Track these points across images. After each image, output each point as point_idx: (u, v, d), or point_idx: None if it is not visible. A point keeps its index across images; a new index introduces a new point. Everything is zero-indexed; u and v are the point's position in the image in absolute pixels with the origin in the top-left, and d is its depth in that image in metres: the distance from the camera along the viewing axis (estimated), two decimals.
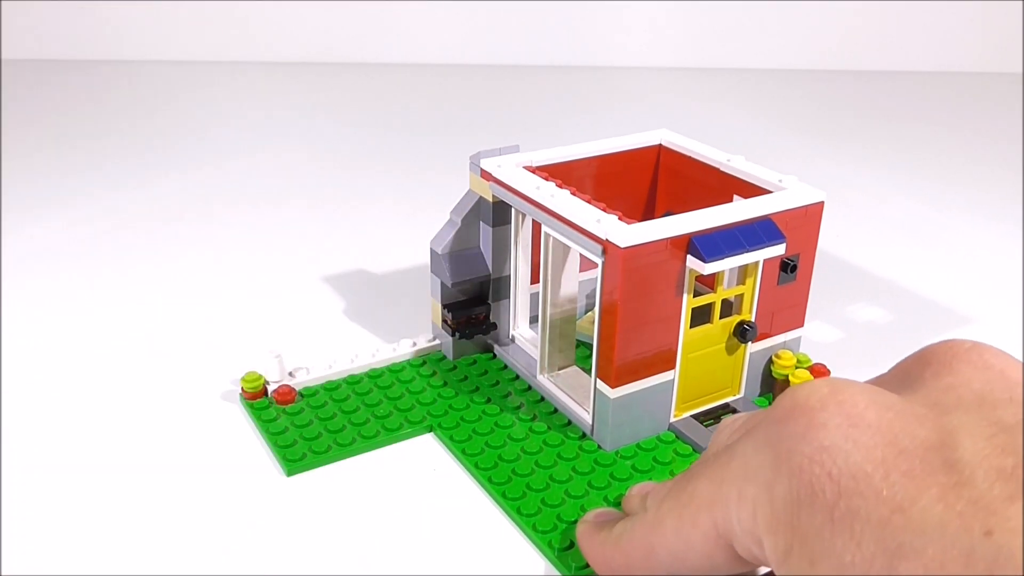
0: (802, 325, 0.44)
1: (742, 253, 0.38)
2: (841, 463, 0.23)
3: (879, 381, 0.28)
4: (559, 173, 0.45)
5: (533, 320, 0.47)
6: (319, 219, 0.67)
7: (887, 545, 0.21)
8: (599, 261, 0.37)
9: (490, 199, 0.44)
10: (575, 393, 0.42)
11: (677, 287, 0.38)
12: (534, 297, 0.46)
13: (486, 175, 0.43)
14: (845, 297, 0.56)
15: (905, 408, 0.24)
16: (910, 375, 0.26)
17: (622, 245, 0.36)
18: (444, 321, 0.46)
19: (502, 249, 0.45)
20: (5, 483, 0.38)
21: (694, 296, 0.39)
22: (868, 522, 0.22)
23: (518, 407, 0.43)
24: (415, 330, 0.49)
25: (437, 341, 0.47)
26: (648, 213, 0.50)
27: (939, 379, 0.25)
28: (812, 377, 0.42)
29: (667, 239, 0.37)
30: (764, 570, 0.29)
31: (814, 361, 0.45)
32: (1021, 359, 0.25)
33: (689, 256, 0.37)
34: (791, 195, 0.41)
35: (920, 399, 0.25)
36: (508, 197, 0.42)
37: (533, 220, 0.43)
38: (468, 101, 1.00)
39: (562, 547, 0.34)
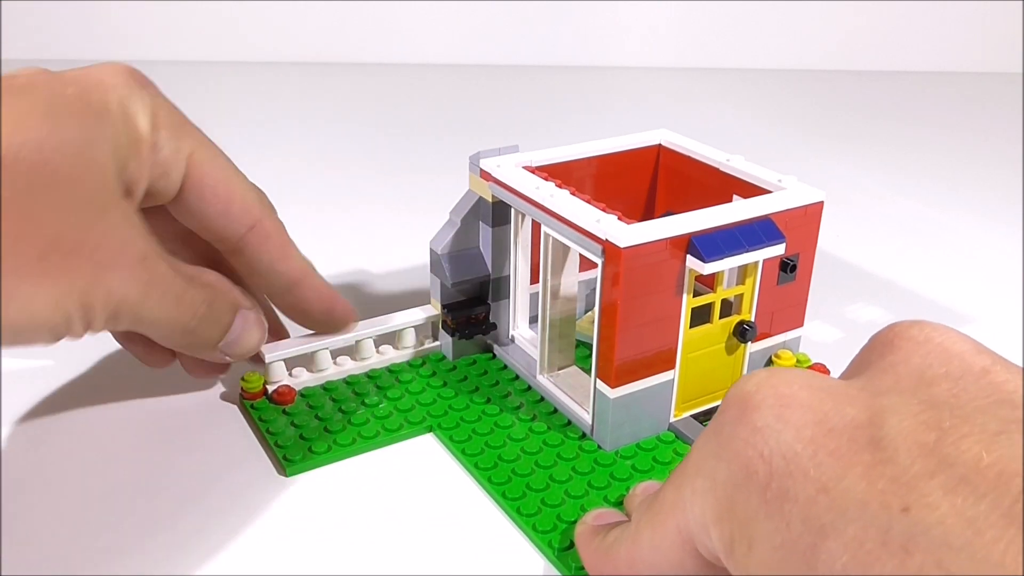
0: (802, 325, 0.44)
1: (742, 253, 0.38)
2: (773, 443, 0.23)
3: (841, 376, 0.28)
4: (559, 173, 0.45)
5: (533, 320, 0.47)
6: (318, 219, 0.67)
7: (812, 525, 0.21)
8: (599, 261, 0.37)
9: (489, 199, 0.44)
10: (575, 393, 0.42)
11: (677, 287, 0.38)
12: (534, 297, 0.46)
13: (485, 175, 0.43)
14: (845, 297, 0.56)
15: (839, 389, 0.24)
16: (861, 364, 0.27)
17: (622, 245, 0.36)
18: (444, 321, 0.46)
19: (502, 249, 0.45)
20: (5, 483, 0.38)
21: (694, 296, 0.39)
22: (796, 502, 0.22)
23: (518, 407, 0.43)
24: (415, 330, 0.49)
25: (437, 342, 0.47)
26: (648, 213, 0.50)
27: (882, 359, 0.25)
28: None
29: (667, 239, 0.37)
30: None
31: (814, 361, 0.45)
32: (1021, 359, 0.25)
33: (689, 256, 0.37)
34: (791, 195, 0.41)
35: (859, 381, 0.25)
36: (507, 197, 0.42)
37: (533, 220, 0.43)
38: (468, 101, 1.01)
39: (562, 547, 0.34)
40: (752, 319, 0.41)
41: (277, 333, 0.44)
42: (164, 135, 0.34)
